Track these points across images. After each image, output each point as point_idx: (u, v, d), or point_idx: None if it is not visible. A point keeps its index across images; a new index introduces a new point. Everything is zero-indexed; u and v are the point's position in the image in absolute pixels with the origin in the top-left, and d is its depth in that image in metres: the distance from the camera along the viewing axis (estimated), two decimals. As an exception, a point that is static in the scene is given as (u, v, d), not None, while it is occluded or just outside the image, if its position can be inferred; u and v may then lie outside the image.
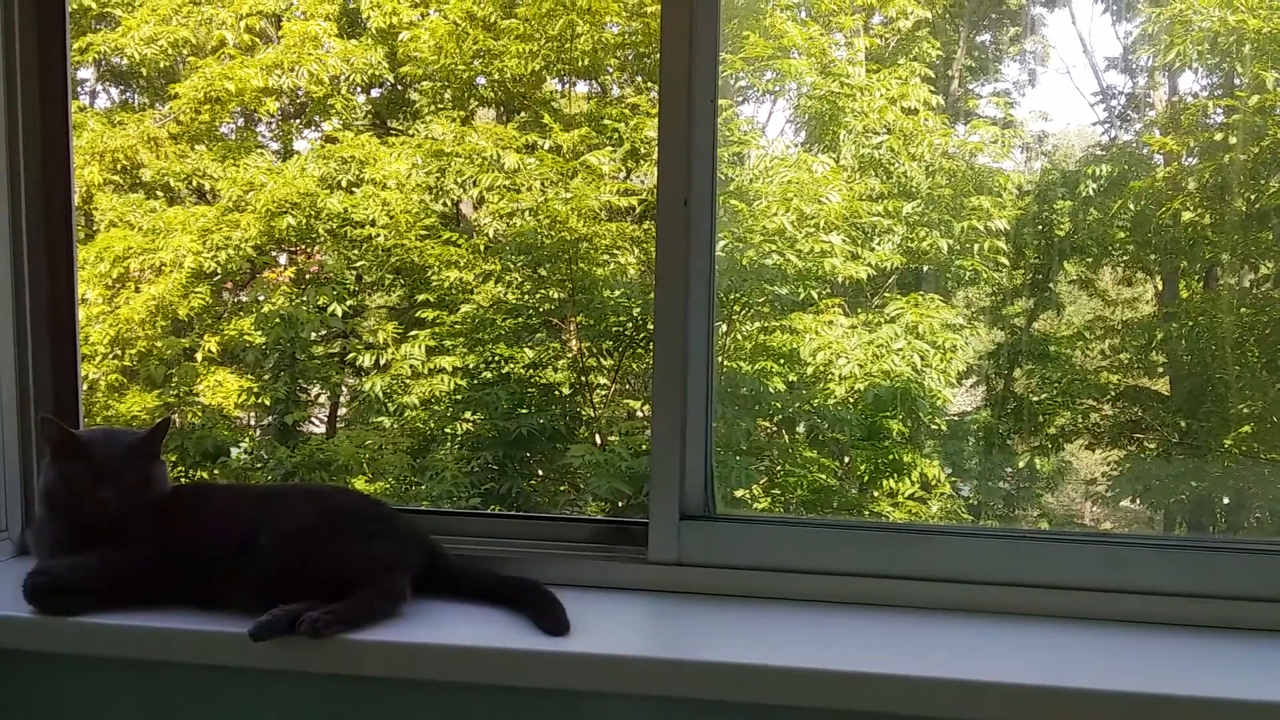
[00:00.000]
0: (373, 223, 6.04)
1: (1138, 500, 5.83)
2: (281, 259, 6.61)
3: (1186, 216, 5.61)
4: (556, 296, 6.05)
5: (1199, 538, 4.11)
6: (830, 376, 5.28)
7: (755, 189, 5.58)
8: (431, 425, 6.02)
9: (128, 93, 7.21)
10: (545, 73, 6.45)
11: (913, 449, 5.30)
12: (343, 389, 6.68)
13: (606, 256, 5.92)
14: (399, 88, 6.91)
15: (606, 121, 6.20)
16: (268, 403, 6.17)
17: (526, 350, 5.97)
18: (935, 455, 5.42)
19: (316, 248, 6.45)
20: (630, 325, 5.87)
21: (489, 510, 5.36)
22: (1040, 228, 5.90)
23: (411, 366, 5.91)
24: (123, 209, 6.13)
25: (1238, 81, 5.48)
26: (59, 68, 1.67)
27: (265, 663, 1.31)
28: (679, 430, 1.53)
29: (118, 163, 6.20)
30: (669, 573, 1.53)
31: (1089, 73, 7.37)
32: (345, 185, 6.14)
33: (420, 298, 6.09)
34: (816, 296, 5.44)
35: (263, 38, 6.52)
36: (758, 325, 5.61)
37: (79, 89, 6.85)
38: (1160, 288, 6.27)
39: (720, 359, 5.40)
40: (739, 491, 5.08)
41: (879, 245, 5.52)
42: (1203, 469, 5.40)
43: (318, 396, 6.74)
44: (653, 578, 1.53)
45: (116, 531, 1.37)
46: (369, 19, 6.40)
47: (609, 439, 5.87)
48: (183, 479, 5.54)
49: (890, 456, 5.26)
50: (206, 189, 6.42)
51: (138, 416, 5.77)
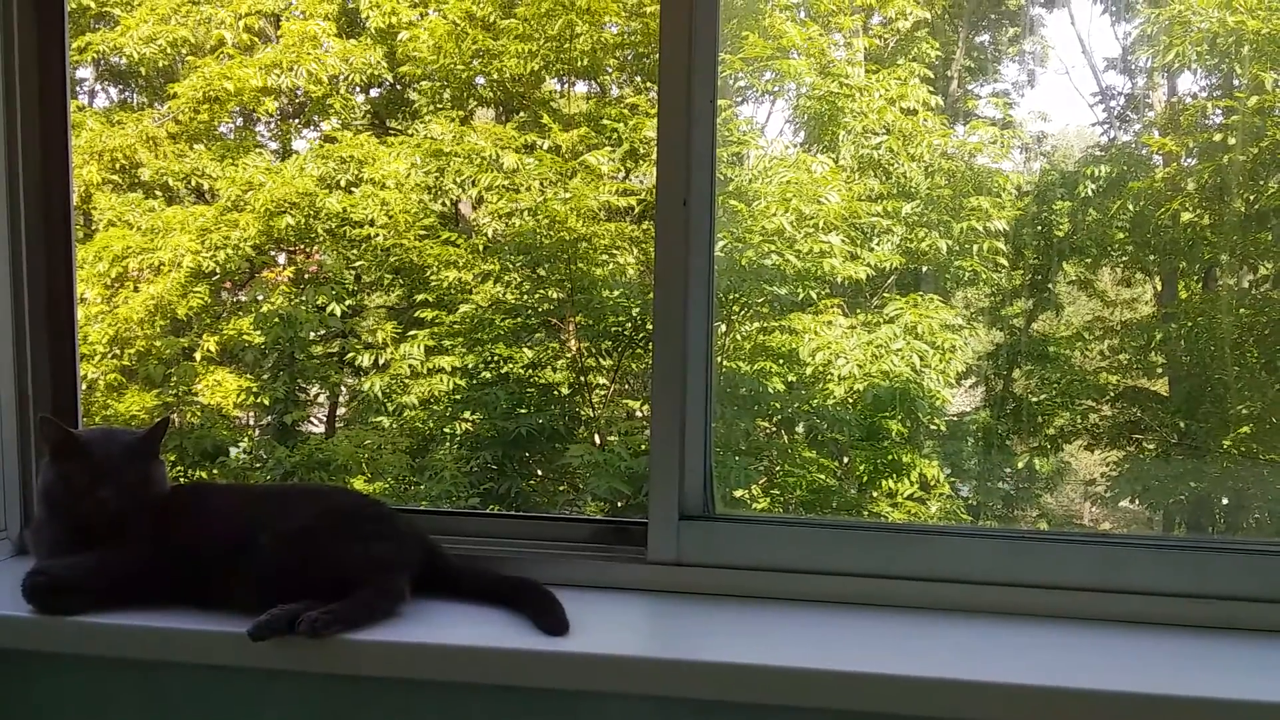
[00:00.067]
0: (371, 222, 6.04)
1: (1137, 501, 5.83)
2: (280, 259, 6.60)
3: (1185, 217, 5.62)
4: (555, 296, 6.05)
5: (1198, 538, 4.11)
6: (829, 377, 5.28)
7: (754, 189, 5.58)
8: (430, 425, 6.02)
9: (126, 92, 7.20)
10: (544, 73, 6.45)
11: (912, 449, 5.30)
12: (342, 389, 6.68)
13: (605, 256, 5.92)
14: (398, 87, 6.91)
15: (605, 121, 6.20)
16: (267, 402, 6.17)
17: (525, 350, 5.97)
18: (934, 456, 5.42)
19: (315, 247, 6.44)
20: (629, 325, 5.86)
21: (488, 510, 5.36)
22: (1039, 228, 5.90)
23: (410, 366, 5.91)
24: (121, 208, 6.13)
25: (1236, 82, 5.49)
26: (58, 67, 1.67)
27: (265, 662, 1.31)
28: (678, 430, 1.53)
29: (116, 162, 6.20)
30: (668, 573, 1.53)
31: (1088, 73, 7.38)
32: (344, 185, 6.13)
33: (419, 297, 6.09)
34: (815, 297, 5.44)
35: (261, 37, 6.52)
36: (757, 325, 5.61)
37: (78, 88, 6.85)
38: (1159, 288, 6.27)
39: (719, 359, 5.40)
40: (738, 492, 5.08)
41: (878, 246, 5.52)
42: (1202, 469, 5.40)
43: (317, 396, 6.74)
44: (652, 578, 1.53)
45: (115, 531, 1.37)
46: (368, 19, 6.40)
47: (608, 439, 5.87)
48: (182, 479, 5.53)
49: (889, 457, 5.26)
50: (205, 188, 6.41)
51: (136, 416, 5.76)
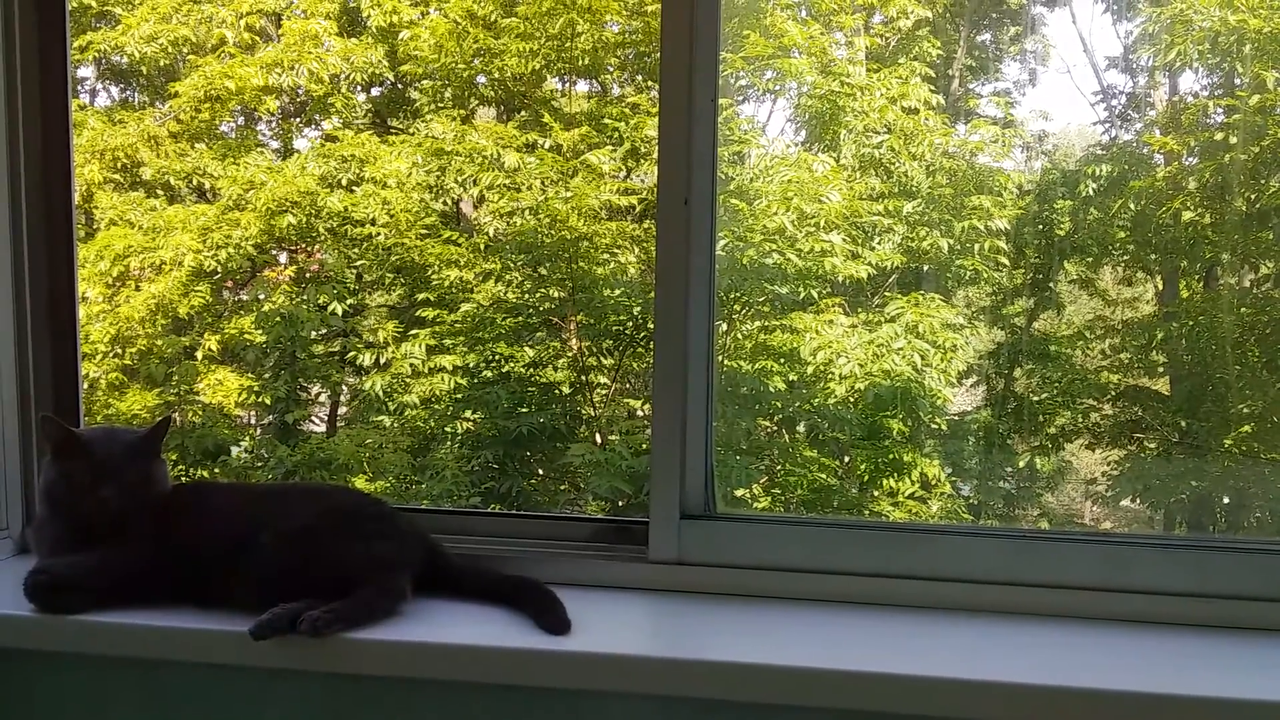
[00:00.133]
0: (373, 221, 6.04)
1: (1138, 500, 5.83)
2: (282, 257, 6.61)
3: (1187, 216, 5.61)
4: (557, 295, 6.05)
5: (1201, 537, 4.11)
6: (830, 376, 5.28)
7: (755, 188, 5.58)
8: (432, 424, 6.02)
9: (128, 91, 7.21)
10: (545, 72, 6.45)
11: (913, 448, 5.30)
12: (343, 388, 6.68)
13: (607, 255, 5.92)
14: (399, 86, 6.91)
15: (607, 120, 6.20)
16: (268, 401, 6.17)
17: (527, 349, 5.97)
18: (935, 455, 5.42)
19: (317, 246, 6.45)
20: (630, 324, 5.86)
21: (489, 509, 5.36)
22: (1040, 227, 5.89)
23: (412, 365, 5.91)
24: (123, 207, 6.13)
25: (1238, 81, 5.48)
26: (59, 66, 1.67)
27: (266, 661, 1.31)
28: (679, 429, 1.53)
29: (118, 161, 6.20)
30: (669, 572, 1.53)
31: (1089, 72, 7.38)
32: (345, 184, 6.14)
33: (420, 296, 6.09)
34: (817, 296, 5.43)
35: (263, 36, 6.52)
36: (758, 324, 5.61)
37: (79, 87, 6.85)
38: (1160, 287, 6.27)
39: (720, 358, 5.40)
40: (739, 491, 5.08)
41: (879, 245, 5.52)
42: (1203, 469, 5.40)
43: (318, 395, 6.74)
44: (653, 577, 1.53)
45: (117, 530, 1.37)
46: (369, 18, 6.39)
47: (609, 438, 5.87)
48: (183, 478, 5.53)
49: (890, 456, 5.26)
50: (207, 187, 6.42)
51: (138, 415, 5.76)
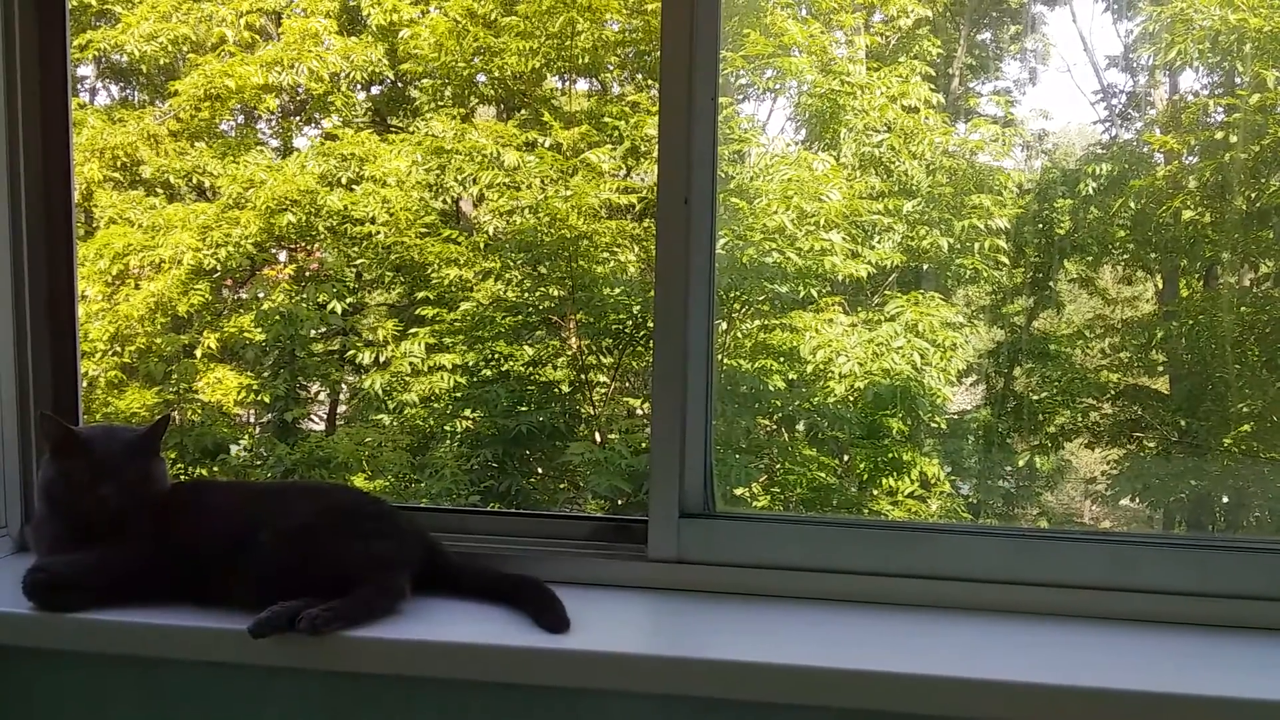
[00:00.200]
0: (373, 220, 6.04)
1: (1137, 499, 5.83)
2: (281, 256, 6.61)
3: (1187, 215, 5.61)
4: (556, 294, 6.05)
5: (1202, 536, 4.11)
6: (830, 375, 5.28)
7: (755, 187, 5.58)
8: (431, 423, 6.02)
9: (128, 90, 7.20)
10: (545, 70, 6.45)
11: (912, 447, 5.30)
12: (342, 386, 6.68)
13: (606, 254, 5.92)
14: (399, 85, 6.90)
15: (607, 119, 6.19)
16: (267, 400, 6.17)
17: (526, 348, 5.97)
18: (935, 454, 5.42)
19: (316, 245, 6.44)
20: (630, 323, 5.86)
21: (488, 508, 5.36)
22: (1040, 226, 5.90)
23: (411, 364, 5.91)
24: (122, 206, 6.13)
25: (1238, 80, 5.48)
26: (59, 65, 1.67)
27: (265, 659, 1.31)
28: (679, 428, 1.53)
29: (118, 160, 6.20)
30: (669, 570, 1.53)
31: (1089, 71, 7.38)
32: (345, 182, 6.13)
33: (420, 295, 6.09)
34: (816, 295, 5.43)
35: (263, 35, 6.52)
36: (758, 323, 5.61)
37: (79, 86, 6.84)
38: (1160, 286, 6.27)
39: (720, 357, 5.40)
40: (739, 489, 5.08)
41: (879, 243, 5.52)
42: (1202, 468, 5.40)
43: (317, 394, 6.74)
44: (652, 575, 1.53)
45: (116, 528, 1.37)
46: (369, 16, 6.39)
47: (609, 437, 5.87)
48: (182, 476, 5.53)
49: (890, 455, 5.26)
50: (206, 186, 6.41)
51: (137, 413, 5.76)
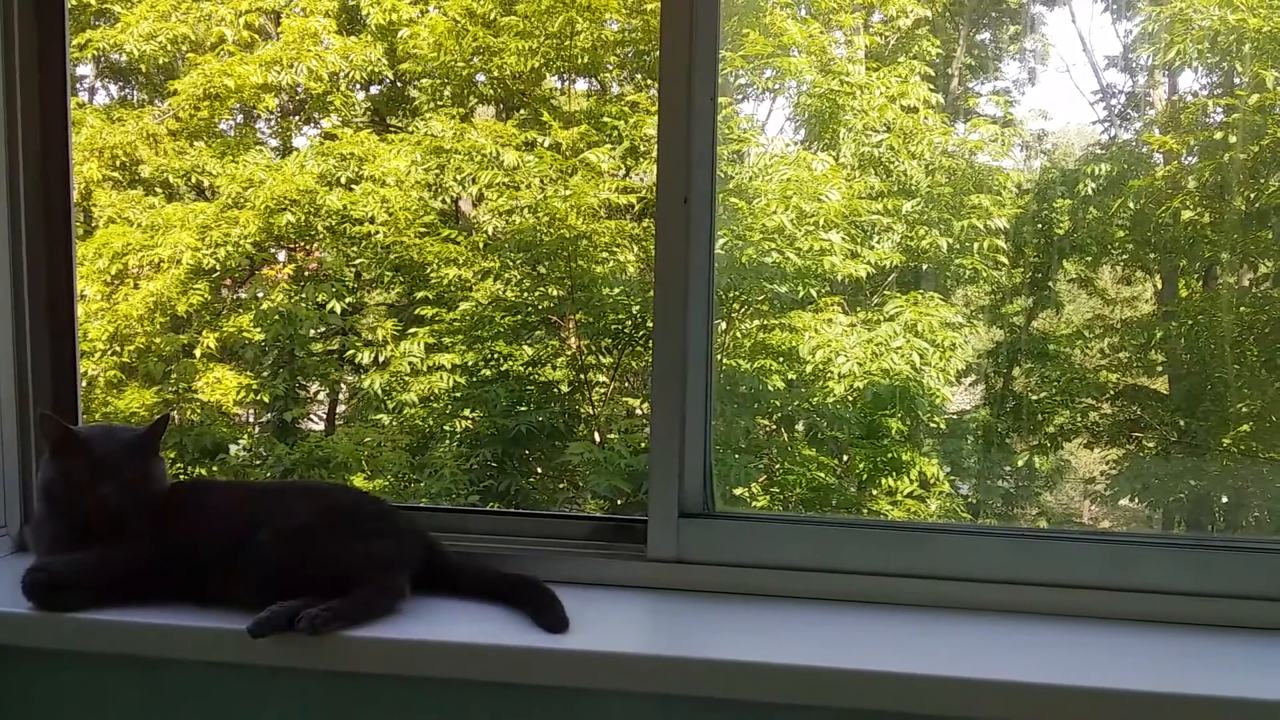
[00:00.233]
0: (372, 220, 6.04)
1: (1136, 499, 5.83)
2: (281, 256, 6.60)
3: (1186, 215, 5.61)
4: (556, 294, 6.05)
5: (1203, 536, 4.11)
6: (829, 375, 5.28)
7: (755, 187, 5.58)
8: (430, 422, 6.02)
9: (127, 89, 7.20)
10: (545, 70, 6.45)
11: (911, 447, 5.30)
12: (342, 386, 6.68)
13: (606, 254, 5.92)
14: (398, 85, 6.90)
15: (606, 119, 6.19)
16: (266, 400, 6.17)
17: (525, 348, 5.96)
18: (934, 454, 5.42)
19: (315, 244, 6.44)
20: (629, 323, 5.86)
21: (488, 508, 5.36)
22: (1040, 226, 5.89)
23: (410, 364, 5.90)
24: (122, 205, 6.12)
25: (1237, 80, 5.48)
26: (58, 64, 1.67)
27: (264, 659, 1.31)
28: (678, 428, 1.53)
29: (117, 159, 6.19)
30: (668, 570, 1.53)
31: (1089, 71, 7.37)
32: (344, 182, 6.13)
33: (419, 295, 6.09)
34: (816, 294, 5.43)
35: (262, 34, 6.51)
36: (757, 323, 5.61)
37: (78, 85, 6.84)
38: (1159, 286, 6.27)
39: (719, 357, 5.40)
40: (738, 489, 5.08)
41: (878, 243, 5.52)
42: (1201, 468, 5.40)
43: (317, 394, 6.74)
44: (652, 575, 1.53)
45: (115, 528, 1.37)
46: (368, 16, 6.38)
47: (608, 436, 5.87)
48: (181, 476, 5.53)
49: (889, 455, 5.26)
50: (205, 185, 6.41)
51: (136, 413, 5.76)
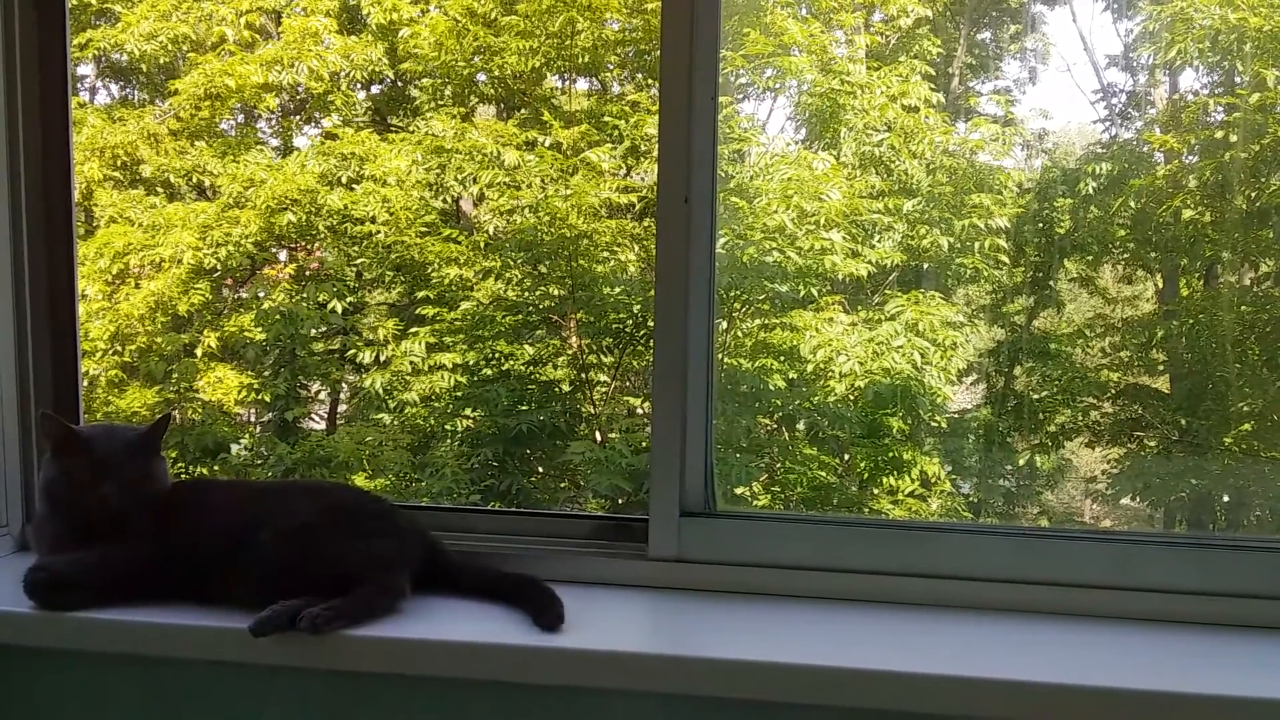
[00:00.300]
0: (373, 219, 6.03)
1: (1138, 498, 5.83)
2: (282, 255, 6.60)
3: (1187, 214, 5.61)
4: (557, 293, 6.05)
5: (1204, 535, 4.11)
6: (830, 374, 5.28)
7: (756, 186, 5.58)
8: (432, 422, 6.02)
9: (128, 89, 7.20)
10: (545, 69, 6.45)
11: (913, 446, 5.30)
12: (343, 385, 6.68)
13: (607, 253, 5.92)
14: (399, 84, 6.90)
15: (607, 118, 6.19)
16: (268, 399, 6.17)
17: (527, 347, 5.97)
18: (935, 453, 5.42)
19: (317, 244, 6.44)
20: (630, 322, 5.86)
21: (489, 507, 5.36)
22: (1041, 225, 5.89)
23: (412, 363, 5.91)
24: (123, 205, 6.13)
25: (1238, 79, 5.48)
26: (59, 64, 1.67)
27: (266, 658, 1.31)
28: (679, 427, 1.53)
29: (118, 159, 6.20)
30: (669, 569, 1.53)
31: (1090, 70, 7.38)
32: (345, 182, 6.13)
33: (420, 294, 6.09)
34: (817, 294, 5.43)
35: (263, 34, 6.51)
36: (758, 322, 5.61)
37: (79, 85, 6.84)
38: (1160, 285, 6.27)
39: (720, 356, 5.40)
40: (739, 489, 5.08)
41: (879, 243, 5.52)
42: (1203, 467, 5.40)
43: (318, 393, 6.74)
44: (653, 574, 1.53)
45: (117, 527, 1.37)
46: (369, 15, 6.38)
47: (609, 436, 5.87)
48: (183, 475, 5.54)
49: (890, 454, 5.26)
50: (206, 185, 6.41)
51: (138, 412, 5.76)
